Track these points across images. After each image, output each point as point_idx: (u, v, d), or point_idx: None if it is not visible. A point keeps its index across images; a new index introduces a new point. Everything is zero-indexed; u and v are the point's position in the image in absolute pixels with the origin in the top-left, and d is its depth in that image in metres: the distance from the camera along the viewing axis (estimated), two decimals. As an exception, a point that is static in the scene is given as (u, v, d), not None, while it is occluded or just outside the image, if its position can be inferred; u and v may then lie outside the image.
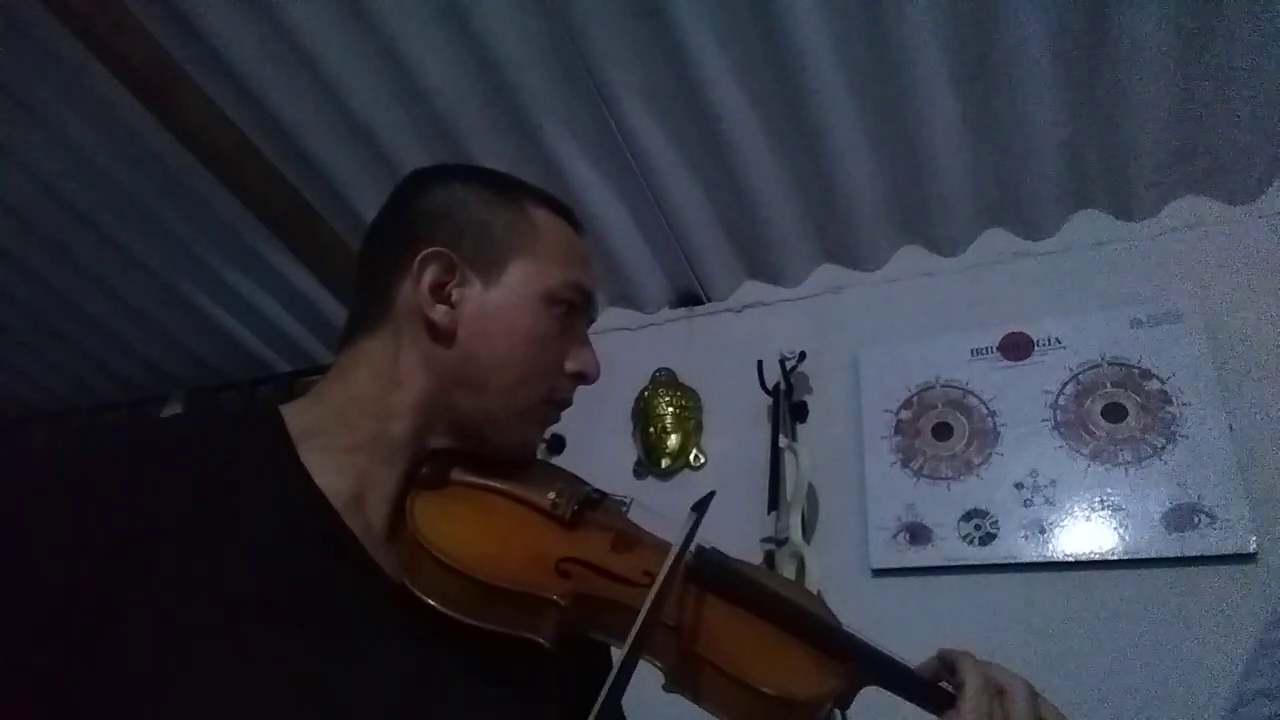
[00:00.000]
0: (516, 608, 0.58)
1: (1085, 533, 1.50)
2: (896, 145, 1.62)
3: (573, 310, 0.71)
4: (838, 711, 0.68)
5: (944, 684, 0.68)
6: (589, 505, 0.71)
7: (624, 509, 0.75)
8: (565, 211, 0.77)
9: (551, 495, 0.68)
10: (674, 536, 0.68)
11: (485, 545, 0.62)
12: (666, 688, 0.63)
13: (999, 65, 1.45)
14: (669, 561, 0.63)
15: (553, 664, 0.63)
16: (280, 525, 0.58)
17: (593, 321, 0.77)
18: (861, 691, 0.70)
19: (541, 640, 0.58)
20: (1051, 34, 1.40)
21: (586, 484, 0.76)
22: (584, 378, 0.72)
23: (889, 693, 0.69)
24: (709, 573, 0.68)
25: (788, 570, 1.61)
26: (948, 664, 0.70)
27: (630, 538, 0.71)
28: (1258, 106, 1.44)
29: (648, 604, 0.58)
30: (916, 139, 1.59)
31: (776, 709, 0.62)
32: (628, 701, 0.77)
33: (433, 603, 0.57)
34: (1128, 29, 1.36)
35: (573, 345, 0.72)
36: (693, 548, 0.67)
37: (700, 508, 0.70)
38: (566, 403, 0.73)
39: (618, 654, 0.58)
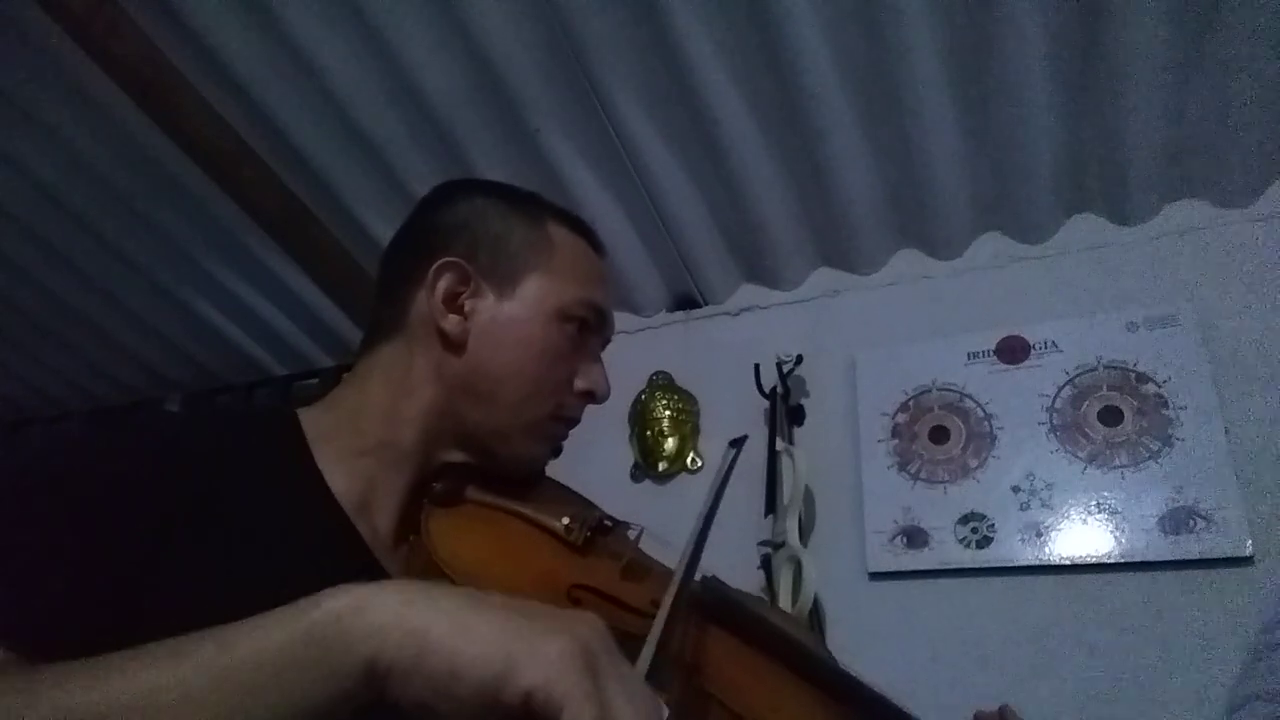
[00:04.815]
0: None
1: (1082, 536, 1.50)
2: (893, 149, 1.63)
3: (585, 328, 0.72)
4: None
5: None
6: (601, 531, 0.71)
7: (634, 537, 0.75)
8: (586, 231, 0.78)
9: (565, 520, 0.68)
10: (712, 479, 0.68)
11: (499, 569, 0.61)
12: None
13: (996, 69, 1.45)
14: (705, 508, 0.62)
15: None
16: (293, 524, 0.59)
17: (607, 342, 0.77)
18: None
19: None
20: (1048, 38, 1.40)
21: (598, 509, 0.76)
22: (593, 396, 0.73)
23: None
24: (715, 604, 0.68)
25: (785, 573, 1.61)
26: None
27: (640, 567, 0.71)
28: (1254, 110, 1.44)
29: (670, 595, 0.57)
30: (913, 143, 1.59)
31: None
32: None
33: None
34: (1124, 33, 1.36)
35: (583, 363, 0.73)
36: (698, 577, 0.66)
37: (738, 444, 0.69)
38: (574, 421, 0.74)
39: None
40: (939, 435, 1.68)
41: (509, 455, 0.70)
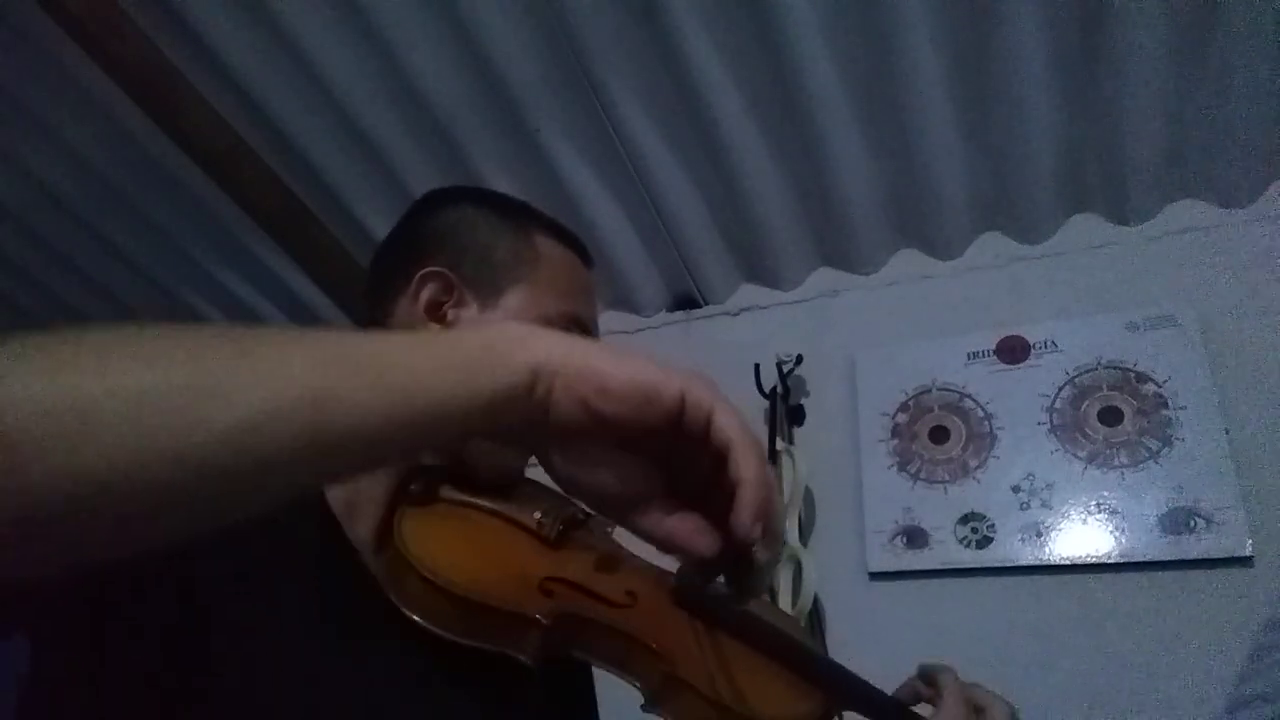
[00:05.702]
0: (500, 626, 0.59)
1: (1081, 536, 1.50)
2: (893, 149, 1.63)
3: None
4: None
5: (922, 705, 0.68)
6: (574, 525, 0.72)
7: (609, 530, 0.76)
8: (575, 244, 0.77)
9: (538, 515, 0.69)
10: None
11: (470, 563, 0.62)
12: (645, 708, 0.63)
13: (996, 69, 1.45)
14: None
15: (537, 678, 0.64)
16: (283, 526, 0.59)
17: None
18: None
19: (524, 659, 0.58)
20: (1048, 37, 1.40)
21: (573, 504, 0.76)
22: None
23: None
24: (691, 597, 0.69)
25: (784, 573, 1.61)
26: (927, 677, 0.71)
27: (614, 559, 0.72)
28: (1254, 110, 1.44)
29: None
30: (913, 142, 1.59)
31: None
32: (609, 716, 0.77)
33: (418, 618, 0.58)
34: (1124, 32, 1.36)
35: None
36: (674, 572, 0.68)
37: None
38: None
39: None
40: (939, 435, 1.68)
41: (484, 465, 0.70)
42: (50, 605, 0.48)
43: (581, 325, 0.73)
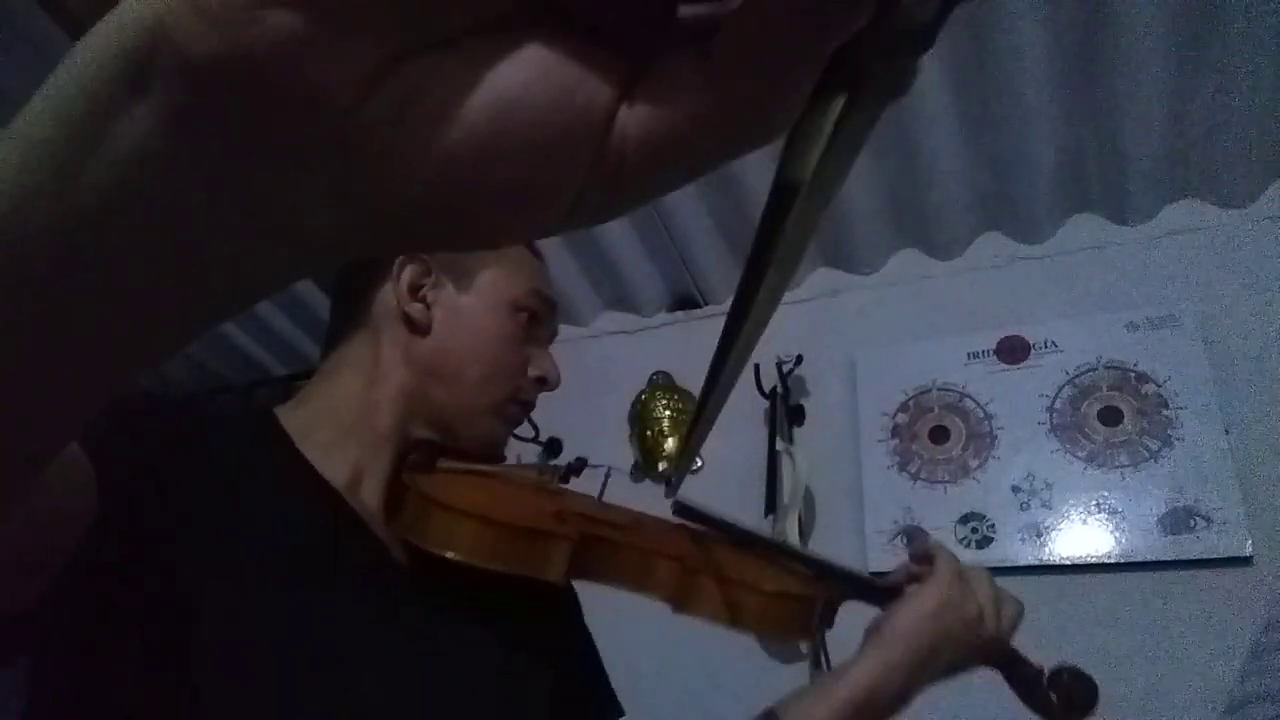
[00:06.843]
0: (529, 545, 0.62)
1: (1081, 536, 1.50)
2: (893, 149, 1.63)
3: (534, 319, 0.76)
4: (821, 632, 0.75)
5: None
6: (572, 471, 0.79)
7: (604, 477, 0.82)
8: None
9: (534, 472, 0.76)
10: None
11: (488, 501, 0.66)
12: (676, 610, 0.69)
13: (996, 69, 1.45)
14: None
15: (547, 629, 0.70)
16: (287, 506, 0.61)
17: (554, 335, 0.82)
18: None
19: (552, 579, 0.62)
20: (1048, 38, 1.40)
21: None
22: (545, 382, 0.78)
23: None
24: (693, 515, 0.75)
25: (785, 574, 1.61)
26: (919, 554, 0.79)
27: (608, 505, 0.79)
28: (1253, 110, 1.44)
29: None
30: (913, 143, 1.59)
31: (776, 604, 0.70)
32: (619, 672, 0.80)
33: (448, 554, 0.60)
34: (1124, 33, 1.36)
35: (535, 351, 0.77)
36: (671, 503, 0.74)
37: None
38: (530, 405, 0.78)
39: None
40: (939, 435, 1.68)
41: (472, 435, 0.73)
42: (51, 617, 0.48)
43: (548, 301, 0.77)
